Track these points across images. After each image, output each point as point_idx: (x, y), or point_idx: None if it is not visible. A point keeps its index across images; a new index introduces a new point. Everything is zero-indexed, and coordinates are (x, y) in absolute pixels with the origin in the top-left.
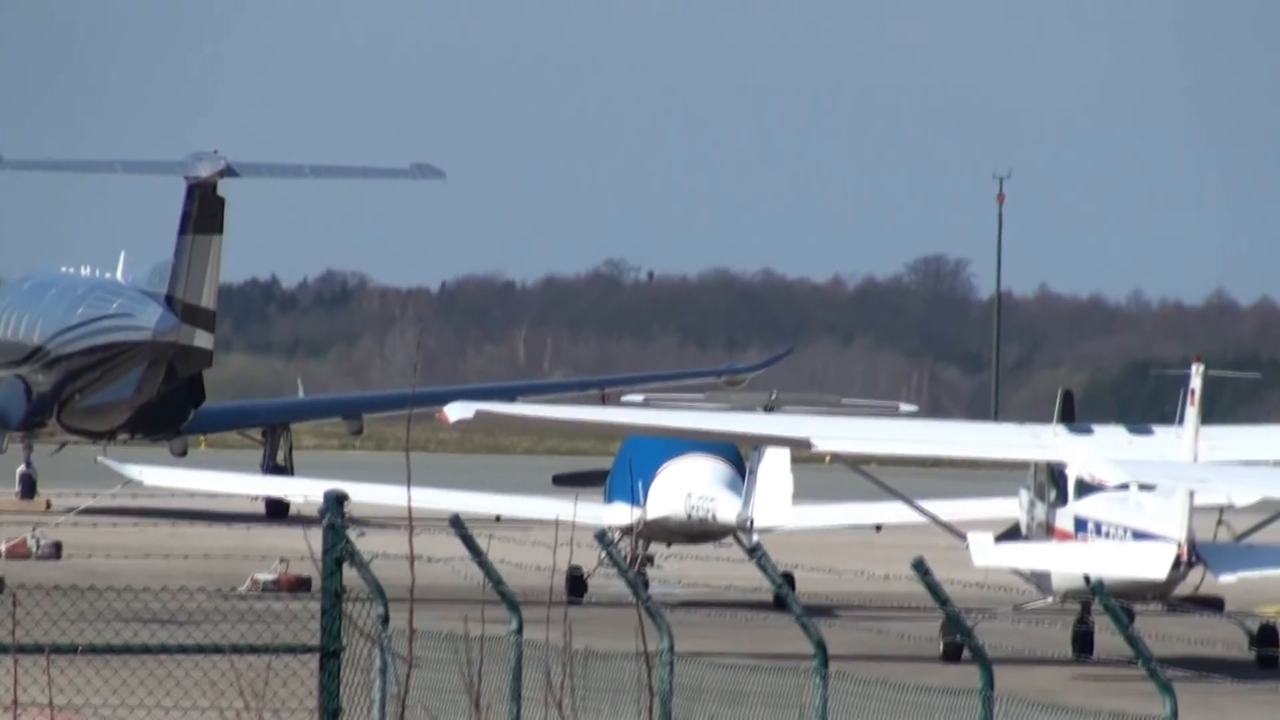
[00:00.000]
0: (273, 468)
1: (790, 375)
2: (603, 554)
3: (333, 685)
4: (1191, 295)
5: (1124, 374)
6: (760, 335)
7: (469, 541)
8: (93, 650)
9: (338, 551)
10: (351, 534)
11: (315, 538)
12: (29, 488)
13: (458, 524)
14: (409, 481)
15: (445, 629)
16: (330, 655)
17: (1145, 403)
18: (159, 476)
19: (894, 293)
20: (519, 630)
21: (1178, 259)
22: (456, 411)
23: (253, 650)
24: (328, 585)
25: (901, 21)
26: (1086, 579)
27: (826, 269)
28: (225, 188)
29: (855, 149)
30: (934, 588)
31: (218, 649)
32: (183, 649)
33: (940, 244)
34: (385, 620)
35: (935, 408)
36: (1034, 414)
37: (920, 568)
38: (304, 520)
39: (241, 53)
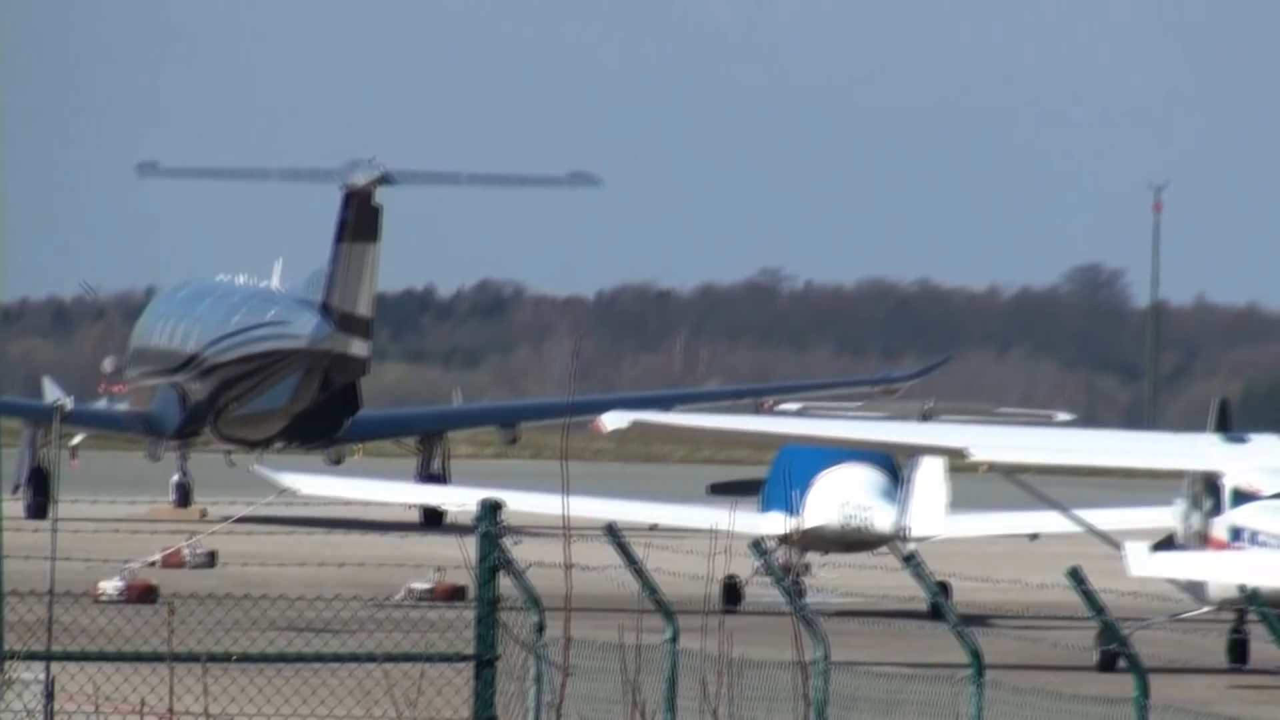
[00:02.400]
0: (428, 476)
1: (946, 384)
2: (758, 563)
3: (487, 694)
4: None
5: None
6: (916, 344)
7: (624, 550)
8: (247, 659)
9: (493, 560)
10: (507, 542)
11: (470, 546)
12: (184, 496)
13: (613, 532)
14: (565, 490)
15: (601, 638)
16: (485, 664)
17: None
18: (314, 485)
19: (1050, 302)
20: (674, 639)
21: None
22: (613, 421)
23: (407, 658)
24: (483, 594)
25: (1058, 27)
26: (1242, 588)
27: (983, 278)
28: (381, 196)
29: (1011, 158)
30: (1090, 596)
31: (371, 658)
32: (337, 658)
33: (1097, 253)
34: (541, 628)
35: (1091, 417)
36: (1190, 423)
37: (1076, 576)
38: (459, 529)
39: (396, 60)
